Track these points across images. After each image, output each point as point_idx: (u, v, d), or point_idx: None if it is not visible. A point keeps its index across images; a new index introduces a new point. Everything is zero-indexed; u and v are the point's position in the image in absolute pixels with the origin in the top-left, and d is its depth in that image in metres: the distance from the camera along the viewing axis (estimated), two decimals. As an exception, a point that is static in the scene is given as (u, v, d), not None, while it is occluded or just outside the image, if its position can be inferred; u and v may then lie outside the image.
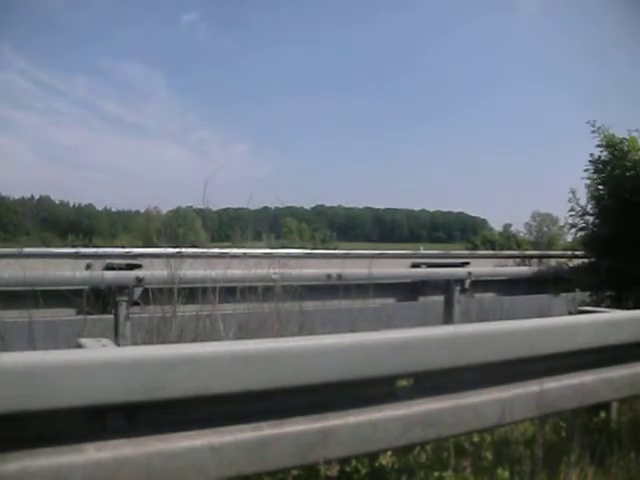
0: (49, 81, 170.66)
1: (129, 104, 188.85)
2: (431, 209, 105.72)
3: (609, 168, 7.48)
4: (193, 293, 4.22)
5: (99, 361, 1.73)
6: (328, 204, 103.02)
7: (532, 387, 2.49)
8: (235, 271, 4.72)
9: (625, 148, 7.34)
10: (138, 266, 5.98)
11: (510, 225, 46.98)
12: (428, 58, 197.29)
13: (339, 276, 6.10)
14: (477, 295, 7.11)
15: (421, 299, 7.12)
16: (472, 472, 2.65)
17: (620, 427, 3.13)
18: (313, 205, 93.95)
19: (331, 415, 2.04)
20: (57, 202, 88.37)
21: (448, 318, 6.77)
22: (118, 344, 3.81)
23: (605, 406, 3.20)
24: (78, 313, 4.62)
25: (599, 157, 7.61)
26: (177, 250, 5.20)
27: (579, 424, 2.86)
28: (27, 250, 6.72)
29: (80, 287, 4.71)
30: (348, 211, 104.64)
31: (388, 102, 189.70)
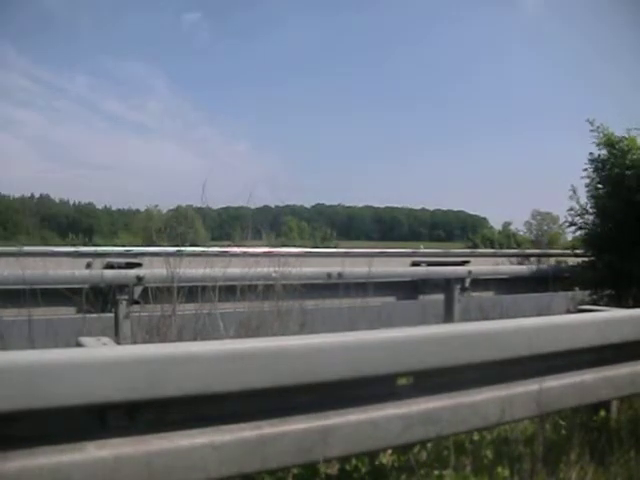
0: (49, 79, 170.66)
1: (130, 102, 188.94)
2: (431, 207, 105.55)
3: (608, 167, 7.48)
4: (193, 292, 4.22)
5: (99, 360, 1.72)
6: (328, 202, 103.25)
7: (532, 386, 2.49)
8: (235, 270, 4.72)
9: (625, 147, 7.34)
10: (138, 265, 5.98)
11: (510, 223, 46.88)
12: (427, 54, 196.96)
13: (339, 275, 6.10)
14: (477, 294, 7.12)
15: (421, 298, 7.13)
16: (472, 471, 2.65)
17: (620, 426, 3.12)
18: (313, 204, 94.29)
19: (331, 414, 2.04)
20: (57, 200, 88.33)
21: (448, 317, 6.77)
22: (118, 343, 3.80)
23: (605, 405, 3.19)
24: (78, 312, 4.61)
25: (598, 156, 7.61)
26: (177, 249, 5.19)
27: (579, 423, 2.86)
28: (27, 248, 6.72)
29: (80, 286, 4.70)
30: (348, 210, 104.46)
31: (387, 94, 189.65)
